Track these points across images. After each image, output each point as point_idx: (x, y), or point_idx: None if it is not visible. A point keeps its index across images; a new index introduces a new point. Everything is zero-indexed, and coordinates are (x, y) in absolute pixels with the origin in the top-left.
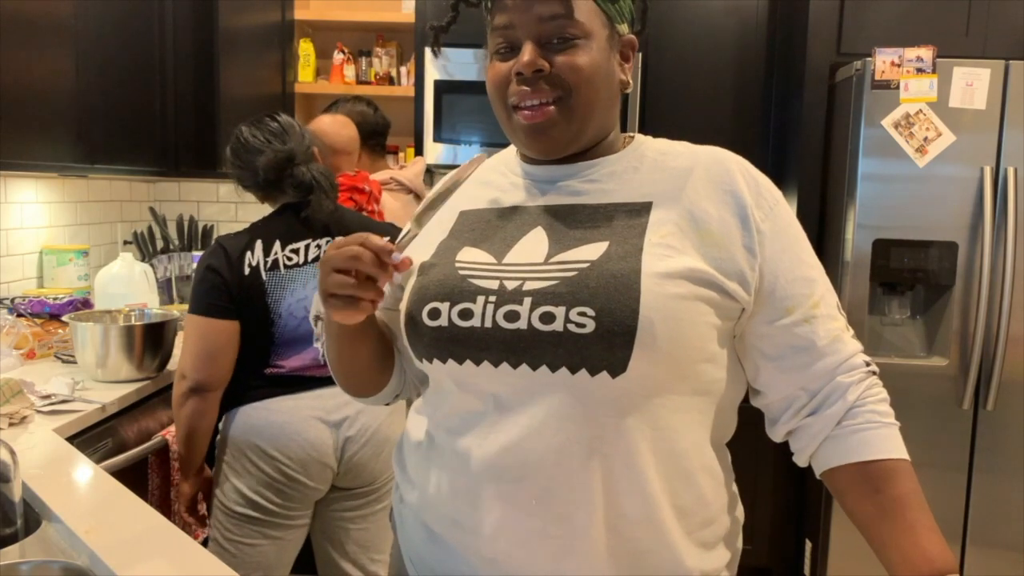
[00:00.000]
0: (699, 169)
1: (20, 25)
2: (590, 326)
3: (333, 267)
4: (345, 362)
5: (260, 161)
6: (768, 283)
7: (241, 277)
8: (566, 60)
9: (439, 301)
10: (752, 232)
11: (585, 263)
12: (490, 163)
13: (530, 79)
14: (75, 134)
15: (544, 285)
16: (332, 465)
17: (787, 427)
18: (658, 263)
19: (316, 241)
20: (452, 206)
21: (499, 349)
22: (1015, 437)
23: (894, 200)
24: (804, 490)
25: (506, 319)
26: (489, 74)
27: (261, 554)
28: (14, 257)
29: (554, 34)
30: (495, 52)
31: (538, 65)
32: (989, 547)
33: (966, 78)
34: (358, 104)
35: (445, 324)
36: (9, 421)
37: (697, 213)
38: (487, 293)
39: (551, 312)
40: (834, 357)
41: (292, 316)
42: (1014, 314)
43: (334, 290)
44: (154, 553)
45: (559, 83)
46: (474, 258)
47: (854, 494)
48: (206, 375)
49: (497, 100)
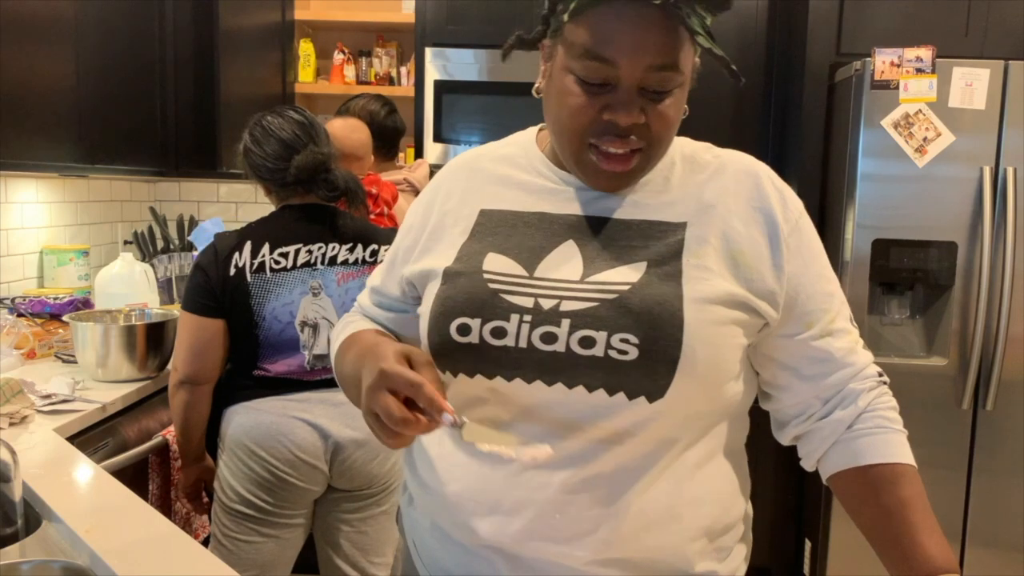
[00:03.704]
0: (729, 183)
1: (20, 25)
2: (632, 353)
3: (388, 386)
4: (355, 399)
5: (296, 160)
6: (790, 298)
7: (226, 278)
8: (660, 113)
9: (468, 316)
10: (781, 249)
11: (625, 285)
12: (505, 154)
13: (625, 130)
14: (75, 134)
15: (583, 307)
16: (321, 467)
17: (796, 431)
18: (698, 288)
19: (307, 247)
20: (468, 201)
21: (534, 368)
22: (1015, 437)
23: (893, 200)
24: (804, 490)
25: (543, 340)
26: (565, 99)
27: (258, 552)
28: (14, 257)
29: (656, 85)
30: (581, 79)
31: (638, 119)
32: (988, 547)
33: (966, 78)
34: (372, 103)
35: (476, 342)
36: (9, 421)
37: (729, 233)
38: (522, 312)
39: (591, 337)
40: (850, 369)
41: (276, 320)
42: (1013, 314)
43: (380, 415)
44: (154, 553)
45: (646, 135)
46: (503, 268)
47: (859, 497)
48: (194, 369)
49: (570, 132)
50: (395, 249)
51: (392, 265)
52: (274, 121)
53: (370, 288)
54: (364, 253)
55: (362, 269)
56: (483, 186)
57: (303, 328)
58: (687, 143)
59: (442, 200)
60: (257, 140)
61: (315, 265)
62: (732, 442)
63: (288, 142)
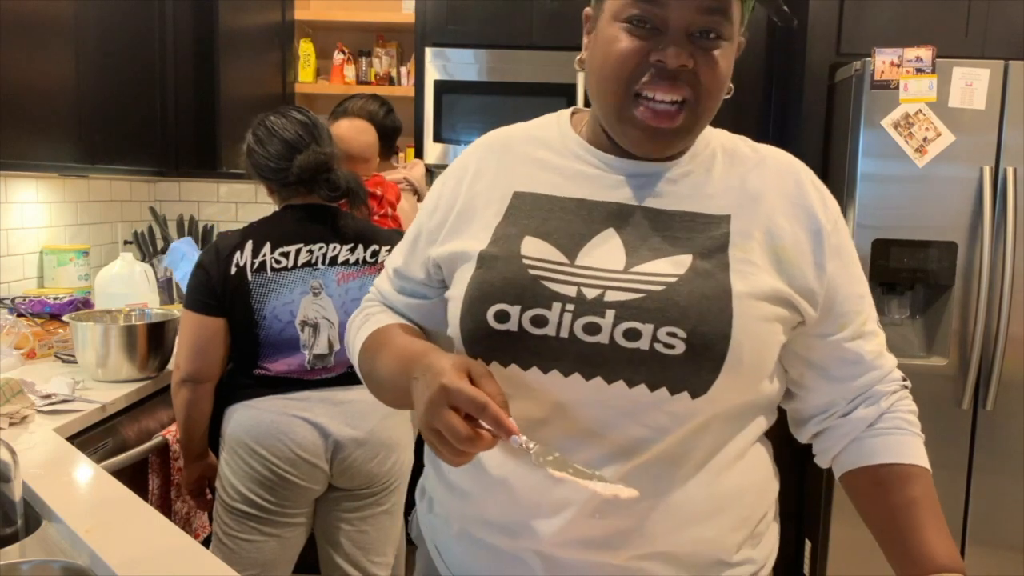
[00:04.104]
0: (771, 178)
1: (20, 25)
2: (679, 347)
3: (450, 403)
4: (390, 401)
5: (299, 159)
6: (828, 298)
7: (227, 277)
8: (709, 61)
9: (508, 303)
10: (823, 248)
11: (672, 276)
12: (538, 136)
13: (673, 72)
14: (75, 134)
15: (628, 298)
16: (322, 466)
17: (817, 428)
18: (746, 282)
19: (308, 247)
20: (500, 182)
21: (573, 360)
22: (1015, 437)
23: (893, 200)
24: (804, 490)
25: (585, 331)
26: (611, 46)
27: (259, 550)
28: (14, 257)
29: (706, 28)
30: (626, 22)
31: (687, 62)
32: (989, 547)
33: (965, 78)
34: (370, 103)
35: (515, 329)
36: (9, 421)
37: (773, 228)
38: (564, 300)
39: (637, 329)
40: (878, 371)
41: (276, 319)
42: (1014, 314)
43: (445, 433)
44: (154, 553)
45: (694, 83)
46: (542, 254)
47: (869, 495)
48: (196, 367)
49: (615, 79)
50: (418, 228)
51: (415, 245)
52: (277, 121)
53: (392, 270)
54: (365, 254)
55: (363, 269)
56: (516, 167)
57: (303, 328)
58: (726, 135)
59: (471, 180)
60: (260, 140)
61: (316, 265)
62: (764, 432)
63: (291, 142)
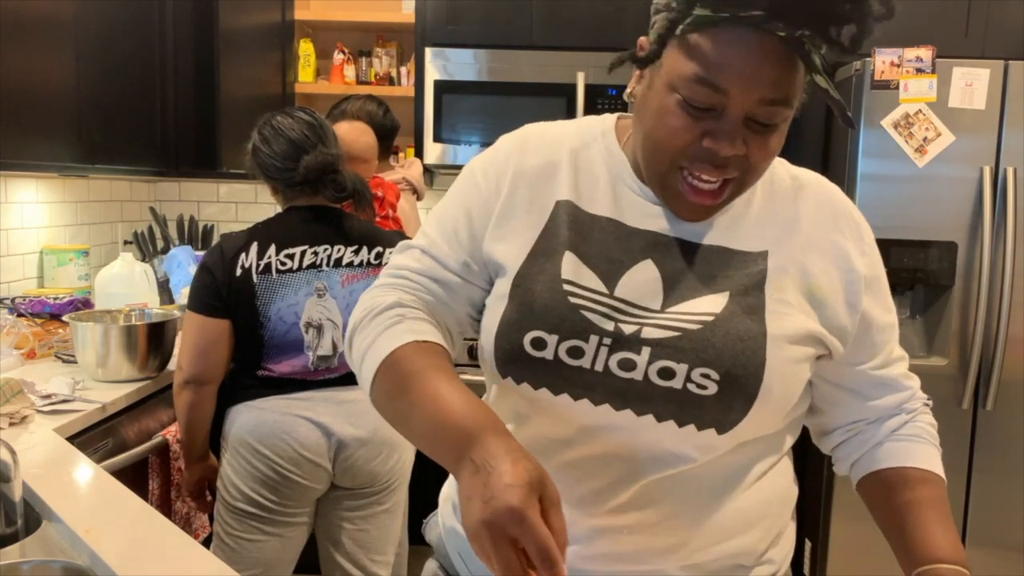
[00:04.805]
0: (809, 210)
1: (20, 25)
2: (711, 389)
3: (515, 535)
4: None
5: (305, 160)
6: (861, 332)
7: (232, 278)
8: (762, 145)
9: (546, 331)
10: (856, 286)
11: (708, 316)
12: (587, 144)
13: (724, 160)
14: (75, 134)
15: (664, 335)
16: (325, 465)
17: (841, 439)
18: (780, 324)
19: (313, 248)
20: (543, 186)
21: (604, 392)
22: (1015, 437)
23: (893, 200)
24: (804, 490)
25: (620, 367)
26: (663, 118)
27: (260, 550)
28: (14, 257)
29: (764, 118)
30: (686, 101)
31: (740, 151)
32: (989, 547)
33: (965, 78)
34: (368, 104)
35: (550, 358)
36: (9, 421)
37: (808, 266)
38: (602, 334)
39: (671, 368)
40: (907, 392)
41: (281, 321)
42: (1014, 314)
43: (493, 556)
44: (154, 553)
45: (743, 165)
46: (582, 279)
47: (883, 496)
48: (199, 369)
49: (664, 151)
50: (459, 211)
51: (454, 230)
52: (284, 121)
53: (421, 251)
54: (369, 255)
55: (367, 271)
56: (559, 172)
57: (307, 329)
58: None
59: (515, 171)
60: (266, 139)
61: (320, 267)
62: (791, 445)
63: (297, 142)
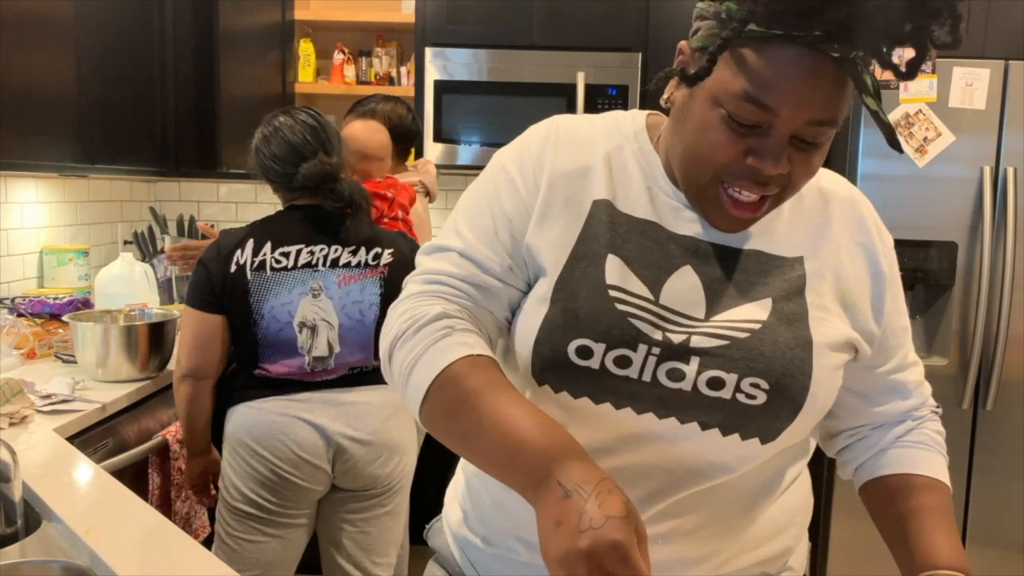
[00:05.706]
0: (835, 214)
1: (20, 25)
2: (760, 399)
3: (612, 569)
4: (478, 466)
5: (304, 168)
6: (880, 335)
7: (226, 274)
8: (805, 162)
9: (592, 339)
10: (881, 290)
11: (755, 324)
12: (620, 144)
13: (766, 178)
14: (75, 134)
15: (713, 344)
16: (324, 467)
17: (846, 442)
18: (823, 332)
19: (309, 247)
20: (579, 182)
21: (650, 401)
22: (1015, 437)
23: (894, 200)
24: None
25: (669, 377)
26: (706, 132)
27: (261, 551)
28: (14, 257)
29: (810, 137)
30: (728, 115)
31: (784, 170)
32: (989, 547)
33: (966, 78)
34: (399, 107)
35: (596, 367)
36: (9, 421)
37: (840, 270)
38: (650, 343)
39: (721, 378)
40: (918, 399)
41: (275, 319)
42: (1014, 314)
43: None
44: (154, 553)
45: (785, 182)
46: (627, 285)
47: (886, 502)
48: (196, 363)
49: (705, 165)
50: (495, 209)
51: (494, 230)
52: (286, 121)
53: (460, 255)
54: (367, 256)
55: (364, 272)
56: (593, 170)
57: (301, 329)
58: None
59: (551, 165)
60: (267, 139)
61: (316, 266)
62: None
63: (296, 146)
